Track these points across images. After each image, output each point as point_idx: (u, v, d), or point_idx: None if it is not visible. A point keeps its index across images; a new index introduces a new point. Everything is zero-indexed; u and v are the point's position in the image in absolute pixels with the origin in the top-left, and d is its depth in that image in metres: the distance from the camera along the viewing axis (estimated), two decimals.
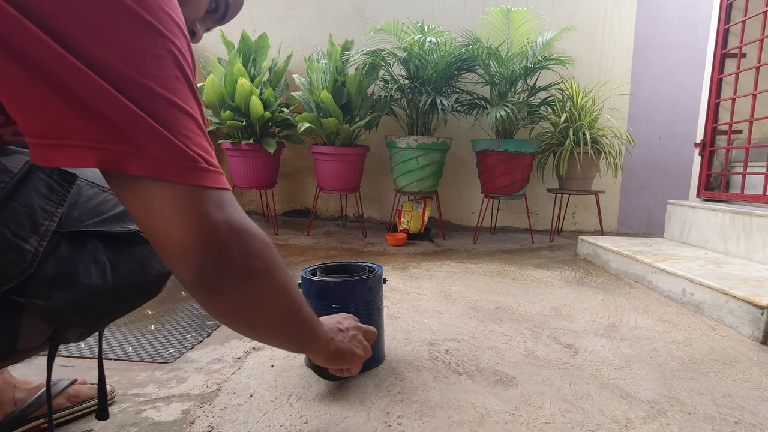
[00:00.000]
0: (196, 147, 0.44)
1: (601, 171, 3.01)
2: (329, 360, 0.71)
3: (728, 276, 1.60)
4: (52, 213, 0.53)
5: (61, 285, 0.53)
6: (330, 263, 1.13)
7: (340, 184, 2.74)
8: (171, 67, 0.43)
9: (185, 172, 0.42)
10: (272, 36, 3.11)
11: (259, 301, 0.50)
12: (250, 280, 0.48)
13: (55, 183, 0.54)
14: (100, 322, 0.61)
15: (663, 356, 1.18)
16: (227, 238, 0.44)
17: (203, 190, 0.43)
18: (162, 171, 0.41)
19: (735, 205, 2.13)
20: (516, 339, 1.26)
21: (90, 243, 0.56)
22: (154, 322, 1.32)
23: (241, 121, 2.59)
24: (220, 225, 0.44)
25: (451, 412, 0.88)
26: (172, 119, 0.42)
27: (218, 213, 0.44)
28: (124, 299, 0.60)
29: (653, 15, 3.20)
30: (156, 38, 0.42)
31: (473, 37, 2.66)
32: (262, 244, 0.49)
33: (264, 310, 0.52)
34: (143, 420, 0.84)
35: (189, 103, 0.45)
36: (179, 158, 0.42)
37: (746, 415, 0.91)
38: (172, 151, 0.42)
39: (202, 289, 0.46)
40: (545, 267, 2.16)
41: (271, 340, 0.60)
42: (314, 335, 0.64)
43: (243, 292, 0.48)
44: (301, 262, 2.11)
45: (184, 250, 0.43)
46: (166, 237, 0.43)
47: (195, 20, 0.63)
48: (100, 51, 0.38)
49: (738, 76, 2.28)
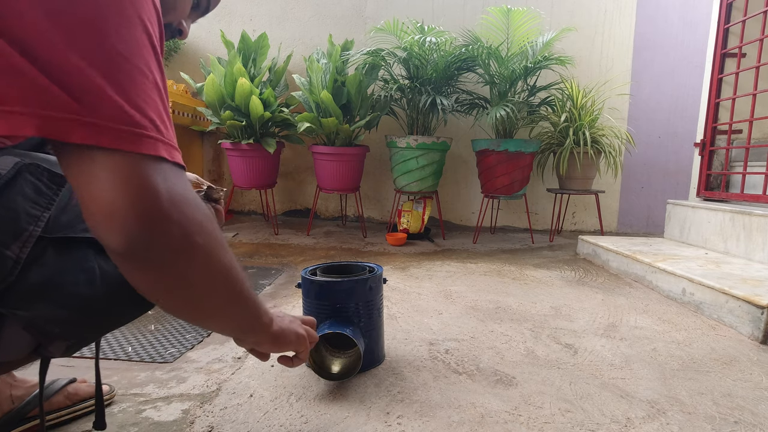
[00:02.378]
0: (152, 114, 0.41)
1: (601, 171, 3.01)
2: (274, 341, 0.66)
3: (728, 276, 1.60)
4: (38, 217, 0.50)
5: (44, 295, 0.50)
6: (330, 263, 1.13)
7: (340, 183, 2.74)
8: (138, 32, 0.40)
9: (130, 139, 0.39)
10: (272, 36, 3.11)
11: (197, 277, 0.47)
12: (188, 255, 0.44)
13: (43, 185, 0.51)
14: (87, 335, 0.58)
15: (663, 356, 1.18)
16: (166, 207, 0.41)
17: (147, 159, 0.40)
18: (106, 138, 0.38)
19: (735, 205, 2.13)
20: (516, 339, 1.26)
21: (79, 251, 0.53)
22: (154, 322, 1.32)
23: (241, 121, 2.59)
24: (159, 192, 0.41)
25: (451, 412, 0.88)
26: (131, 83, 0.39)
27: (160, 182, 0.41)
28: (113, 312, 0.57)
29: (653, 15, 3.20)
30: (125, 1, 0.39)
31: (473, 37, 2.66)
32: (206, 219, 0.46)
33: (202, 288, 0.48)
34: (143, 420, 0.84)
35: (152, 69, 0.42)
36: (126, 124, 0.39)
37: (746, 414, 0.91)
38: (119, 116, 0.39)
39: (129, 262, 0.42)
40: (545, 267, 2.16)
41: (210, 321, 0.55)
42: (257, 316, 0.59)
43: (179, 267, 0.44)
44: (301, 262, 2.11)
45: (111, 215, 0.39)
46: (93, 199, 0.39)
47: (181, 20, 0.63)
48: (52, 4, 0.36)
49: (738, 76, 2.28)
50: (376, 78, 2.84)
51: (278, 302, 1.54)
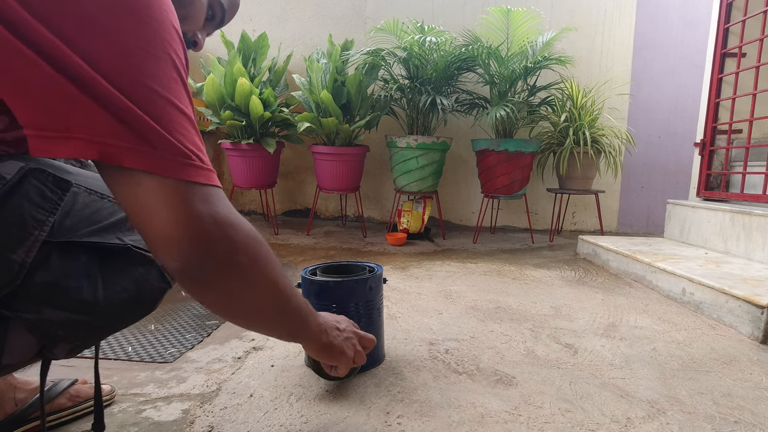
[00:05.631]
0: (190, 145, 0.46)
1: (601, 171, 3.01)
2: (319, 352, 0.71)
3: (728, 275, 1.60)
4: (43, 222, 0.51)
5: (49, 298, 0.51)
6: (330, 263, 1.13)
7: (340, 183, 2.74)
8: (169, 68, 0.45)
9: (178, 168, 0.44)
10: (272, 36, 3.11)
11: (244, 292, 0.52)
12: (234, 273, 0.49)
13: (48, 190, 0.52)
14: (90, 338, 0.59)
15: (663, 356, 1.18)
16: (212, 230, 0.46)
17: (192, 185, 0.45)
18: (156, 165, 0.43)
19: (735, 205, 2.13)
20: (516, 339, 1.26)
21: (83, 256, 0.54)
22: (154, 322, 1.32)
23: (241, 121, 2.59)
24: (203, 218, 0.45)
25: (451, 412, 0.88)
26: (169, 117, 0.44)
27: (204, 207, 0.46)
28: (115, 317, 0.58)
29: (653, 14, 3.20)
30: (155, 40, 0.44)
31: (473, 37, 2.66)
32: (248, 238, 0.50)
33: (249, 302, 0.53)
34: (143, 420, 0.84)
35: (185, 102, 0.46)
36: (174, 155, 0.44)
37: (746, 414, 0.91)
38: (168, 147, 0.44)
39: (188, 281, 0.48)
40: (545, 267, 2.16)
41: (261, 329, 0.62)
42: (305, 327, 0.65)
43: (227, 284, 0.49)
44: (301, 262, 2.11)
45: (169, 242, 0.44)
46: (153, 228, 0.44)
47: (196, 31, 0.63)
48: (103, 49, 0.40)
49: (738, 76, 2.28)
50: (376, 78, 2.84)
51: None
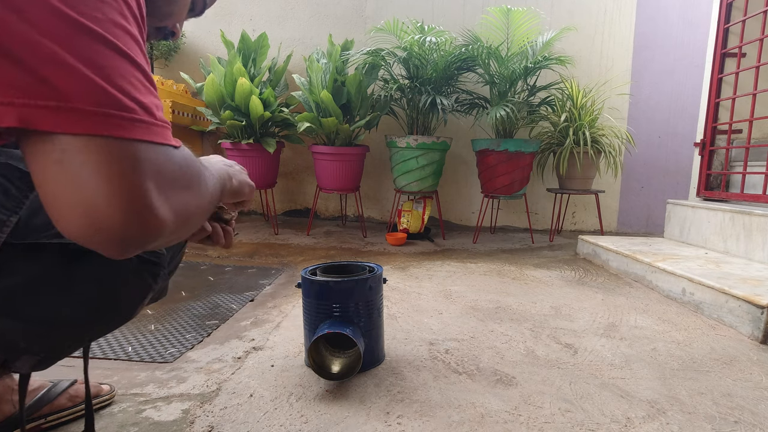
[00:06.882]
0: (139, 94, 0.36)
1: (600, 170, 3.01)
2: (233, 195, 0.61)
3: (728, 275, 1.60)
4: (3, 222, 0.45)
5: (8, 308, 0.46)
6: (330, 263, 1.13)
7: (340, 183, 2.74)
8: (111, 10, 0.36)
9: (115, 124, 0.34)
10: (272, 36, 3.11)
11: (189, 231, 0.44)
12: (183, 228, 0.42)
13: (13, 187, 0.46)
14: (58, 351, 0.53)
15: (663, 356, 1.18)
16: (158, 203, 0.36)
17: (136, 144, 0.35)
18: (85, 123, 0.33)
19: (735, 205, 2.13)
20: (516, 339, 1.26)
21: (48, 258, 0.48)
22: (154, 322, 1.32)
23: (241, 121, 2.59)
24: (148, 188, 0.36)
25: (451, 412, 0.88)
26: (109, 63, 0.34)
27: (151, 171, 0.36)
28: (84, 326, 0.53)
29: (653, 14, 3.20)
30: None
31: (473, 37, 2.66)
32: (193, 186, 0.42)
33: (193, 229, 0.46)
34: (143, 420, 0.84)
35: (134, 51, 0.37)
36: (111, 107, 0.34)
37: (746, 414, 0.91)
38: (101, 98, 0.34)
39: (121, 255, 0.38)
40: (545, 266, 2.16)
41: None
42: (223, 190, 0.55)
43: (173, 237, 0.41)
44: (301, 262, 2.11)
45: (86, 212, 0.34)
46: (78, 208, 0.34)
47: (176, 23, 0.62)
48: None
49: (738, 76, 2.28)
50: (376, 78, 2.84)
51: (278, 302, 1.54)
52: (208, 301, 1.52)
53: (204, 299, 1.53)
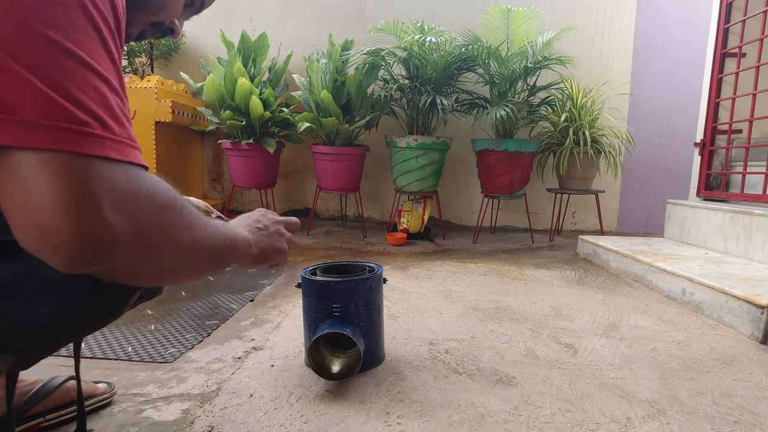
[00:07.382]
0: (96, 107, 0.35)
1: (600, 170, 3.01)
2: (254, 263, 0.62)
3: (728, 275, 1.60)
4: None
5: None
6: (330, 263, 1.13)
7: (340, 183, 2.74)
8: (76, 16, 0.34)
9: (65, 138, 0.33)
10: (272, 36, 3.11)
11: (161, 265, 0.43)
12: (146, 255, 0.40)
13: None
14: (39, 350, 0.51)
15: (663, 356, 1.18)
16: (109, 216, 0.35)
17: (87, 160, 0.34)
18: (35, 137, 0.32)
19: (735, 205, 2.13)
20: (516, 339, 1.26)
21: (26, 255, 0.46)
22: (154, 321, 1.32)
23: (241, 121, 2.59)
24: (101, 198, 0.35)
25: (451, 412, 0.88)
26: (63, 72, 0.33)
27: (102, 187, 0.35)
28: (66, 325, 0.50)
29: (653, 14, 3.20)
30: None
31: (473, 37, 2.66)
32: (164, 206, 0.41)
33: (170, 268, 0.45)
34: (143, 420, 0.84)
35: (99, 60, 0.36)
36: (63, 120, 0.33)
37: (746, 414, 0.91)
38: (51, 110, 0.33)
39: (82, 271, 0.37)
40: (545, 266, 2.16)
41: (186, 279, 0.51)
42: (234, 254, 0.55)
43: (137, 266, 0.40)
44: (301, 262, 2.11)
45: (42, 229, 0.33)
46: (21, 211, 0.33)
47: (174, 18, 0.60)
48: None
49: (738, 76, 2.28)
50: (376, 78, 2.84)
51: (278, 302, 1.54)
52: (208, 301, 1.52)
53: (204, 299, 1.53)
